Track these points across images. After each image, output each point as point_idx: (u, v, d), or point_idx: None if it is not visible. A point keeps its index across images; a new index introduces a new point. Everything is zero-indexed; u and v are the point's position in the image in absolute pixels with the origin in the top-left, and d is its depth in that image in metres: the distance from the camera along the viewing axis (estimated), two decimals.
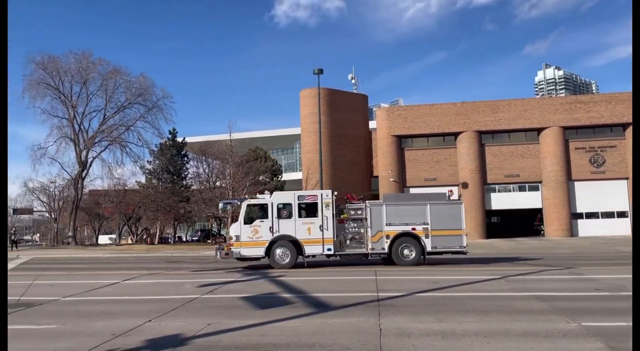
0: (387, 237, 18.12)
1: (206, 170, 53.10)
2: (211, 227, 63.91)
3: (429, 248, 18.01)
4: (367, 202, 19.18)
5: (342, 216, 18.64)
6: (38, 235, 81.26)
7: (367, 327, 7.64)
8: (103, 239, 61.56)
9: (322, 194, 18.68)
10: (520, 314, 8.39)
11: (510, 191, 42.83)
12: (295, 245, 18.20)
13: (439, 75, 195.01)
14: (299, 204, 18.47)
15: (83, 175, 46.74)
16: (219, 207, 24.26)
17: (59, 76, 44.73)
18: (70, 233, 48.24)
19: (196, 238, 63.01)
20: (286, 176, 58.93)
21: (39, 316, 9.24)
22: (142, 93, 47.39)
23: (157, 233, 54.72)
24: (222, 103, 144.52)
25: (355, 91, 60.55)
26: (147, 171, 54.82)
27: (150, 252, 33.65)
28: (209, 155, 51.69)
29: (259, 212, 18.55)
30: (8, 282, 15.15)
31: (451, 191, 19.82)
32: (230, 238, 18.84)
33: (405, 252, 18.08)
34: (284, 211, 18.35)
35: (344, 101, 45.08)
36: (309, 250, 18.22)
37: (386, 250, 18.11)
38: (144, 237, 57.15)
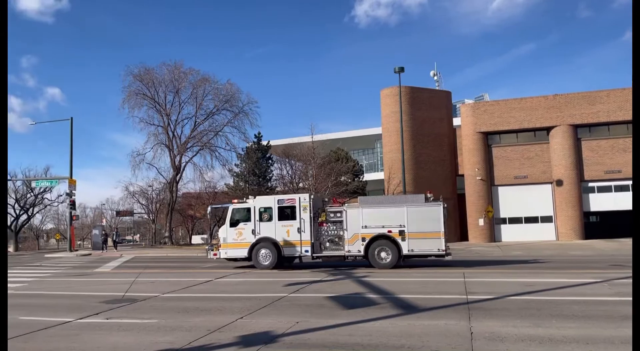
0: (363, 239, 18.20)
1: (289, 172, 54.36)
2: None
3: (405, 251, 17.79)
4: (345, 205, 19.32)
5: (320, 219, 18.99)
6: (138, 235, 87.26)
7: (457, 330, 7.42)
8: (196, 239, 64.94)
9: (299, 198, 19.16)
10: (626, 320, 7.74)
11: (610, 191, 39.67)
12: (276, 247, 18.82)
13: (527, 67, 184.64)
14: (278, 207, 19.07)
15: (177, 178, 49.58)
16: (207, 211, 25.02)
17: (154, 87, 47.83)
18: (166, 234, 51.40)
19: None
20: (367, 176, 58.78)
21: (142, 311, 9.92)
22: (229, 100, 49.44)
23: None
24: (304, 105, 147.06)
25: (437, 88, 59.13)
26: (235, 174, 57.08)
27: None
28: (292, 157, 52.87)
29: (243, 215, 19.40)
30: (115, 279, 16.45)
31: (431, 192, 19.18)
32: (218, 240, 19.82)
33: (383, 254, 18.04)
34: (265, 214, 19.12)
35: (426, 98, 44.14)
36: (287, 251, 18.80)
37: (362, 253, 18.16)
38: None
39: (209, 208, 24.20)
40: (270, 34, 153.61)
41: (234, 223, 19.49)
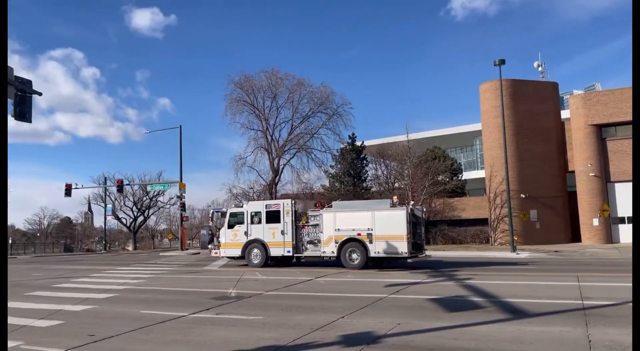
0: (336, 241, 19.34)
1: (384, 172, 54.01)
2: None
3: (372, 253, 18.59)
4: (322, 209, 20.50)
5: (301, 222, 20.42)
6: None
7: (572, 338, 6.91)
8: None
9: (283, 203, 21.05)
10: None
11: None
12: (265, 247, 20.75)
13: None
14: (266, 212, 20.93)
15: (276, 180, 51.25)
16: (209, 215, 26.53)
17: (253, 93, 49.88)
18: None
19: None
20: (466, 175, 56.72)
21: (248, 308, 10.37)
22: (323, 102, 50.19)
23: None
24: (398, 104, 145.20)
25: (542, 79, 55.56)
26: (330, 175, 57.85)
27: None
28: (387, 157, 52.45)
29: (238, 218, 21.49)
30: (222, 277, 17.35)
31: (397, 197, 20.77)
32: (220, 240, 22.09)
33: (354, 256, 19.03)
34: (256, 218, 21.09)
35: (530, 91, 41.61)
36: (273, 251, 20.64)
37: (335, 254, 19.31)
38: None
39: (210, 212, 26.15)
40: (362, 34, 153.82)
41: (231, 226, 21.66)
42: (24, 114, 13.36)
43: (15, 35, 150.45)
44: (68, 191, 45.30)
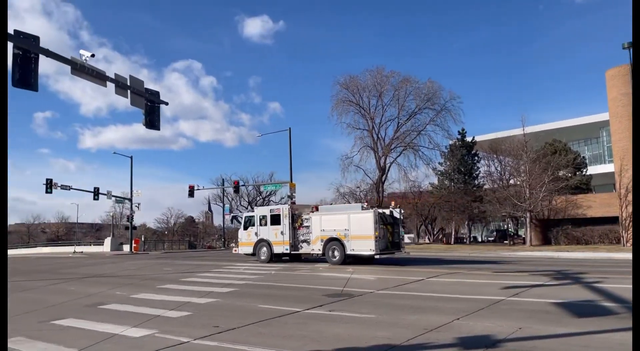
0: (322, 240, 22.25)
1: (498, 168, 51.37)
2: (507, 226, 61.33)
3: (348, 251, 21.31)
4: (312, 212, 23.24)
5: (297, 224, 23.50)
6: None
7: None
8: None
9: (282, 208, 24.63)
10: None
11: None
12: (270, 246, 24.20)
13: None
14: (270, 215, 24.43)
15: (383, 179, 51.07)
16: (229, 219, 30.70)
17: (358, 93, 50.21)
18: None
19: (492, 238, 61.46)
20: (592, 169, 52.12)
21: (360, 305, 10.45)
22: (431, 98, 49.04)
23: (453, 233, 55.55)
24: (511, 96, 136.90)
25: None
26: (439, 172, 56.36)
27: (448, 251, 34.38)
28: (500, 153, 49.83)
29: (251, 221, 25.29)
30: (333, 274, 17.70)
31: (367, 202, 24.38)
32: (239, 239, 26.39)
33: (336, 253, 21.74)
34: (263, 221, 24.68)
35: None
36: (275, 249, 24.02)
37: (321, 251, 22.23)
38: (440, 236, 58.81)
39: (230, 216, 30.51)
40: (470, 22, 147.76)
41: (245, 227, 25.54)
42: (153, 123, 14.71)
43: (143, 51, 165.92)
44: (191, 192, 48.87)
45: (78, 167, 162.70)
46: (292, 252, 23.65)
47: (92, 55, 12.47)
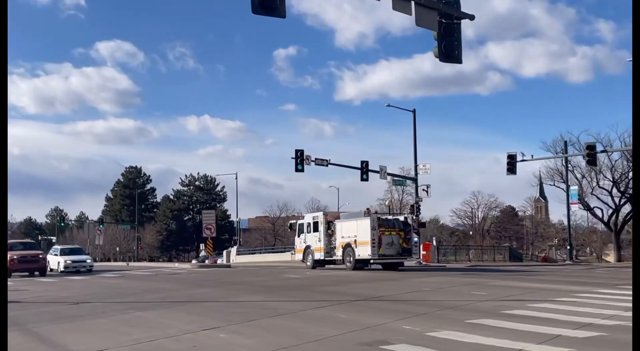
0: (342, 246, 23.83)
1: None
2: None
3: (357, 256, 22.65)
4: (336, 220, 25.41)
5: (329, 231, 24.92)
6: None
7: None
8: None
9: (319, 215, 26.53)
10: None
11: None
12: (312, 252, 25.53)
13: None
14: (312, 223, 26.06)
15: None
16: (288, 225, 32.84)
17: None
18: None
19: None
20: None
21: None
22: None
23: None
24: None
25: None
26: None
27: None
28: None
29: (301, 228, 26.91)
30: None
31: (368, 209, 26.47)
32: (295, 246, 28.96)
33: (349, 258, 23.14)
34: (308, 228, 26.23)
35: None
36: (316, 255, 25.30)
37: (341, 257, 23.88)
38: None
39: (289, 223, 30.65)
40: None
41: (298, 234, 27.05)
42: (451, 51, 9.38)
43: None
44: (511, 166, 29.91)
45: (338, 131, 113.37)
46: (326, 258, 24.75)
47: None
